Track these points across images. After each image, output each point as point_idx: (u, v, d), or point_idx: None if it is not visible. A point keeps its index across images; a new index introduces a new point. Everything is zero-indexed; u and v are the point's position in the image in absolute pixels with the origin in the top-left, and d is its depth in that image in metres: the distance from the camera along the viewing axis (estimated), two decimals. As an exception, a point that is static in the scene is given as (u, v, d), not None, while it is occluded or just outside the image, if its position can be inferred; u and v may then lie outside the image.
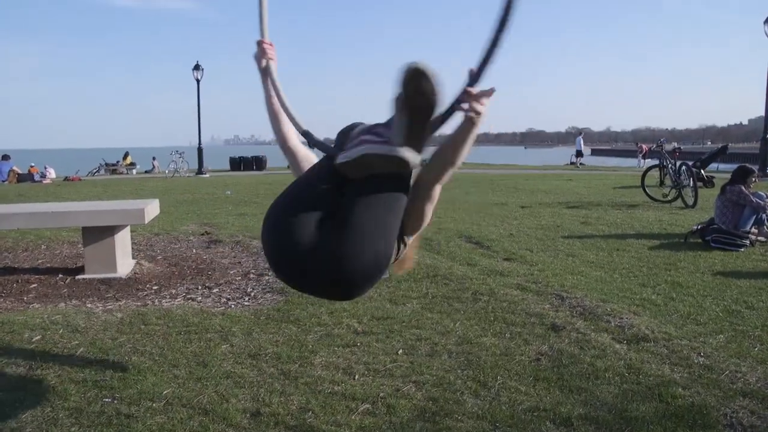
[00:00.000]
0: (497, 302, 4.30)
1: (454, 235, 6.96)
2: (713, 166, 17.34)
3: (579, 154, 29.85)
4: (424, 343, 3.51)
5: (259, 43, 2.22)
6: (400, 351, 3.39)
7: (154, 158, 30.23)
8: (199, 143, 25.29)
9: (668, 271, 5.32)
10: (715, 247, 6.36)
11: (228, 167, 28.60)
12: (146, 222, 5.31)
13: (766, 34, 18.70)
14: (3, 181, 20.57)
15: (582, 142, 30.36)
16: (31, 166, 22.15)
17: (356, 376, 3.06)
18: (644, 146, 34.13)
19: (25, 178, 20.92)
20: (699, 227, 6.91)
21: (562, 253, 6.05)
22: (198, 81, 25.18)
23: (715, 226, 6.73)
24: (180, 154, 24.69)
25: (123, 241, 5.44)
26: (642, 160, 32.18)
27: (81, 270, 5.29)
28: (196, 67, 25.25)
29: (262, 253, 5.63)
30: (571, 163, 30.95)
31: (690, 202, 10.13)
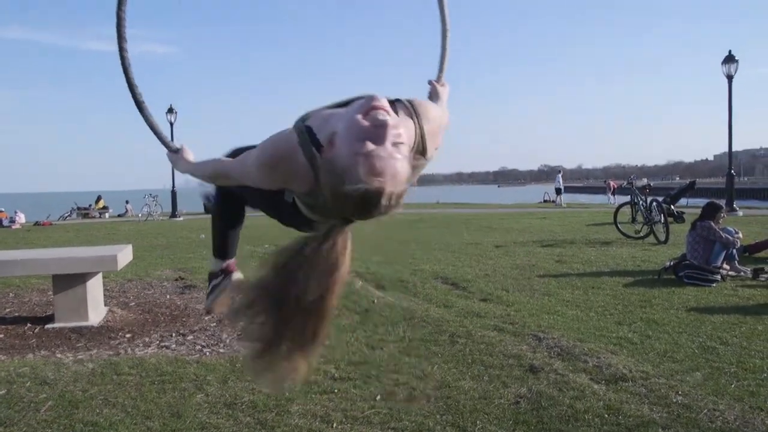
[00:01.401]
0: (475, 344, 4.29)
1: (430, 277, 6.95)
2: (683, 201, 17.68)
3: (558, 192, 30.02)
4: (402, 389, 3.47)
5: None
6: (378, 397, 3.35)
7: (127, 202, 29.96)
8: (173, 186, 25.11)
9: (643, 308, 5.36)
10: (688, 283, 6.43)
11: (202, 210, 28.35)
12: (119, 269, 5.22)
13: (723, 74, 19.24)
14: (-31, 228, 20.19)
15: (561, 180, 30.58)
16: (0, 211, 21.79)
17: (334, 424, 3.01)
18: (612, 183, 34.84)
19: (-6, 223, 20.58)
20: (672, 263, 7.01)
21: (537, 292, 6.07)
22: (171, 124, 25.12)
23: (688, 261, 6.83)
24: (154, 197, 24.49)
25: (95, 288, 5.34)
26: (611, 197, 32.75)
27: (51, 319, 5.16)
28: (170, 111, 25.22)
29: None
30: (551, 201, 31.22)
31: (662, 238, 10.28)
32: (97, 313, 5.29)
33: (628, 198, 12.84)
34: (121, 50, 2.10)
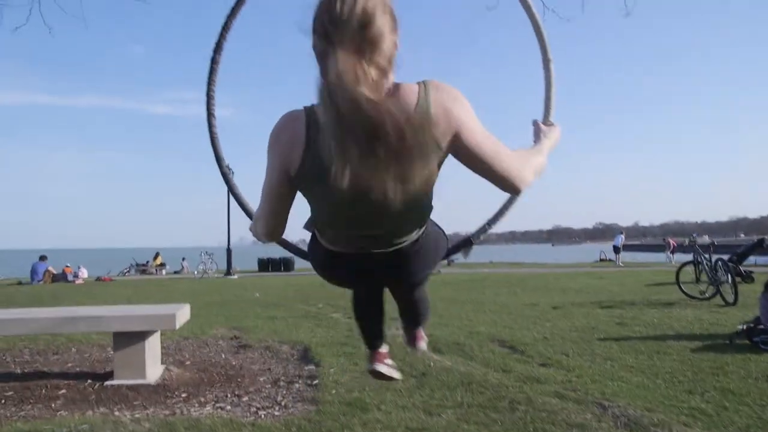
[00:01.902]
0: (536, 412, 4.11)
1: (487, 339, 6.78)
2: (750, 259, 16.97)
3: (617, 250, 29.41)
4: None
5: None
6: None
7: (183, 259, 30.70)
8: (228, 245, 25.61)
9: (716, 376, 5.06)
10: (765, 350, 6.06)
11: (256, 268, 28.74)
12: (177, 328, 5.28)
13: None
14: (39, 281, 20.95)
15: (622, 239, 30.03)
16: (66, 267, 22.59)
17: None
18: (672, 241, 33.83)
19: (59, 278, 21.32)
20: (745, 327, 6.61)
21: (599, 356, 5.83)
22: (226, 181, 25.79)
23: (763, 326, 6.45)
24: (209, 255, 25.01)
25: (153, 346, 5.40)
26: (670, 256, 31.78)
27: (110, 375, 5.23)
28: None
29: (293, 358, 5.49)
30: (608, 260, 30.54)
31: (730, 299, 9.82)
32: (154, 370, 5.33)
33: (689, 257, 12.41)
34: (211, 126, 2.20)
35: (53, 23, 7.74)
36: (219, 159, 2.26)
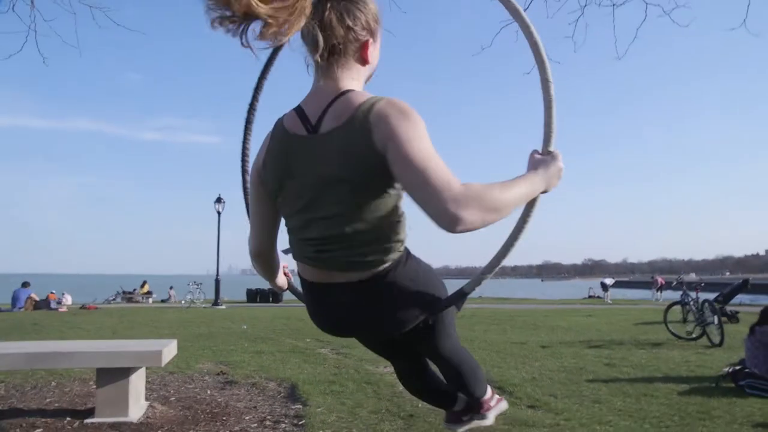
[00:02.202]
0: (524, 457, 4.07)
1: (476, 378, 6.73)
2: (736, 298, 17.08)
3: (605, 287, 29.72)
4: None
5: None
6: None
7: (171, 287, 30.50)
8: (217, 275, 25.47)
9: (702, 421, 5.04)
10: (750, 394, 6.06)
11: (244, 298, 28.55)
12: (163, 365, 5.20)
13: None
14: (20, 308, 20.67)
15: (612, 281, 30.83)
16: (51, 293, 22.34)
17: None
18: (660, 279, 34.08)
19: (42, 305, 21.02)
20: (731, 370, 6.64)
21: (587, 399, 5.80)
22: (219, 213, 25.75)
23: (748, 369, 6.47)
24: (197, 285, 24.87)
25: (137, 382, 5.31)
26: (657, 293, 31.97)
27: (91, 412, 5.12)
28: (218, 200, 25.92)
29: (280, 396, 5.39)
30: (597, 297, 30.80)
31: (716, 340, 9.87)
32: (137, 407, 5.23)
33: (677, 295, 12.49)
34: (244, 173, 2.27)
35: (48, 52, 7.76)
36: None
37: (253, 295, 28.18)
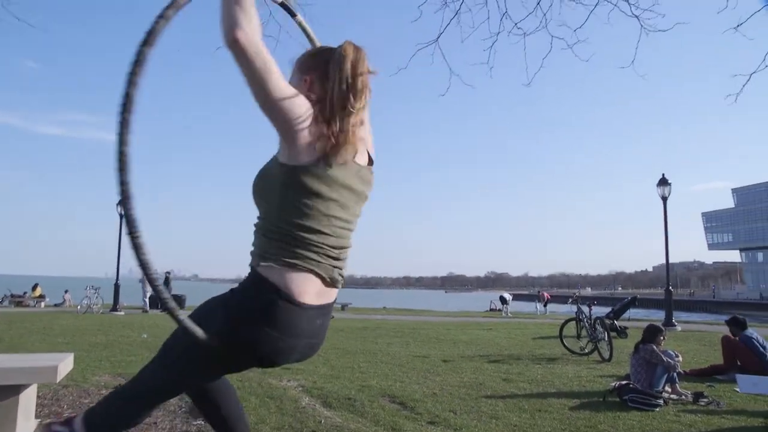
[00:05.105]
0: (423, 473, 4.20)
1: (378, 394, 6.83)
2: (626, 313, 18.18)
3: (504, 301, 30.80)
4: None
5: None
6: None
7: (66, 291, 29.01)
8: (117, 280, 24.46)
9: (589, 435, 5.38)
10: (632, 407, 6.51)
11: (144, 304, 27.48)
12: (58, 381, 4.98)
13: (659, 195, 20.64)
14: None
15: (510, 298, 32.08)
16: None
17: None
18: (546, 294, 36.21)
19: None
20: (617, 385, 7.12)
21: (485, 415, 6.03)
22: (121, 216, 24.78)
23: (632, 385, 6.95)
24: (95, 289, 23.78)
25: (27, 399, 5.05)
26: (542, 307, 33.77)
27: (-26, 433, 4.84)
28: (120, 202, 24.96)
29: (181, 411, 5.28)
30: (498, 310, 31.88)
31: (606, 355, 10.47)
32: (27, 426, 4.98)
33: (565, 308, 13.15)
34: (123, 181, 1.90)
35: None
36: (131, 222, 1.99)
37: (153, 301, 27.12)
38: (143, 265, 1.96)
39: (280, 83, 1.88)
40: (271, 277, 1.99)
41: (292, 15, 2.64)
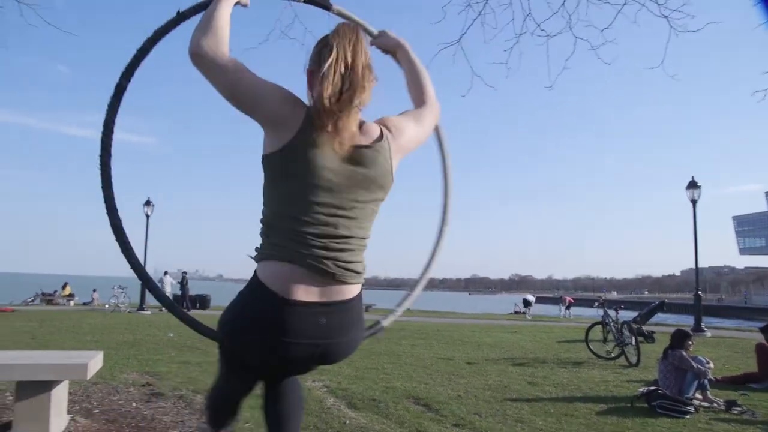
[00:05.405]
0: (449, 476, 4.18)
1: (402, 396, 6.82)
2: (654, 318, 17.91)
3: (527, 304, 30.58)
4: None
5: None
6: None
7: (94, 290, 29.42)
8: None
9: (617, 441, 5.31)
10: (660, 414, 6.41)
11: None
12: (88, 378, 5.06)
13: (688, 198, 20.26)
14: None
15: (534, 299, 31.78)
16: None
17: None
18: (568, 298, 35.76)
19: (-47, 306, 19.96)
20: (645, 391, 6.99)
21: (510, 418, 5.99)
22: (148, 216, 25.12)
23: (660, 391, 6.82)
24: (122, 289, 24.13)
25: (59, 395, 5.14)
26: (565, 311, 33.39)
27: (8, 427, 4.93)
28: (147, 203, 25.28)
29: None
30: (522, 313, 31.64)
31: (633, 360, 10.33)
32: (59, 421, 5.07)
33: (590, 312, 12.99)
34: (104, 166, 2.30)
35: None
36: (111, 209, 2.28)
37: (180, 301, 27.43)
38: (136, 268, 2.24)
39: (242, 83, 1.95)
40: (260, 273, 1.97)
41: (328, 8, 2.57)
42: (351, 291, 2.02)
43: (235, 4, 2.17)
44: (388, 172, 2.05)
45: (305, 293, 1.92)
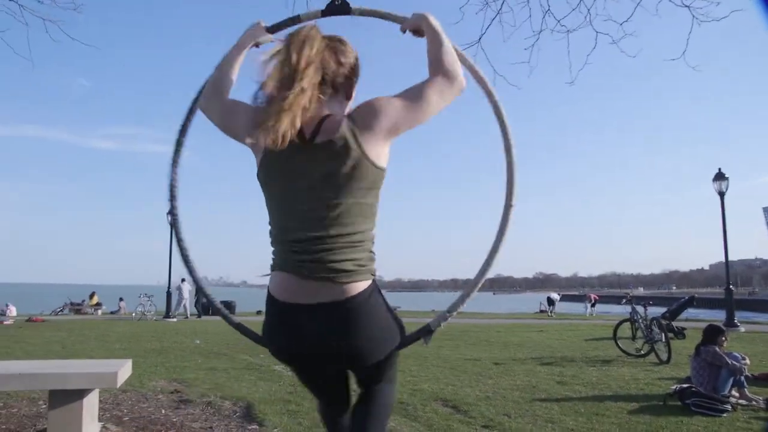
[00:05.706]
0: (480, 478, 4.14)
1: (430, 398, 6.78)
2: (683, 314, 17.61)
3: (550, 302, 30.36)
4: None
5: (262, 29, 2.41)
6: None
7: (121, 299, 29.78)
8: (169, 287, 25.01)
9: (650, 440, 5.21)
10: (696, 412, 6.24)
11: (195, 311, 28.01)
12: (118, 386, 5.11)
13: (715, 191, 19.34)
14: (-38, 321, 19.94)
15: (558, 297, 31.62)
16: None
17: None
18: (593, 296, 35.34)
19: (-15, 317, 20.34)
20: (678, 389, 6.82)
21: (540, 418, 5.92)
22: (171, 225, 25.33)
23: (694, 388, 6.65)
24: (149, 297, 24.41)
25: (91, 403, 5.20)
26: (590, 308, 32.99)
27: (42, 435, 5.00)
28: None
29: (236, 416, 5.34)
30: (547, 312, 31.40)
31: (664, 357, 10.14)
32: (91, 429, 5.12)
33: (617, 308, 12.83)
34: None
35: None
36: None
37: (205, 308, 27.55)
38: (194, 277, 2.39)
39: (227, 124, 2.21)
40: (269, 283, 2.12)
41: (348, 12, 2.46)
42: (346, 291, 1.97)
43: (254, 45, 2.36)
44: (359, 162, 1.95)
45: (285, 293, 2.02)
